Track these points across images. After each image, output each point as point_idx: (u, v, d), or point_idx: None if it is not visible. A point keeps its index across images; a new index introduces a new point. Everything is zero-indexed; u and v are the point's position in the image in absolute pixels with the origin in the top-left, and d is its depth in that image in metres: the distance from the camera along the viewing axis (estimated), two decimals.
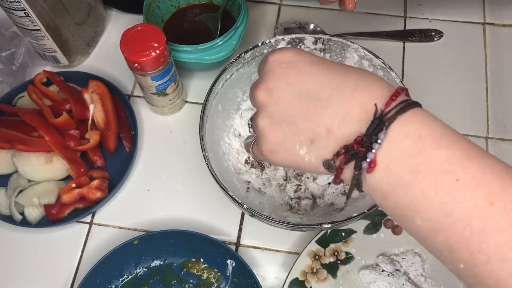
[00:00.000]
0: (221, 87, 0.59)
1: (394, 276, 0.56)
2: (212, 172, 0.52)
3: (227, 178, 0.57)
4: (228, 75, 0.59)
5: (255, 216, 0.51)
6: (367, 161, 0.32)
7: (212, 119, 0.59)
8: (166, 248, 0.60)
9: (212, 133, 0.59)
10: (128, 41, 0.58)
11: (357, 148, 0.32)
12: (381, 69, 0.56)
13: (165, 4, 0.72)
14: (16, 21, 0.64)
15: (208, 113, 0.57)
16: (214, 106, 0.59)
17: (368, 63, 0.57)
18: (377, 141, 0.32)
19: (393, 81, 0.55)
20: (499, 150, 0.66)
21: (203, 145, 0.54)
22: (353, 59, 0.58)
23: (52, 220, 0.62)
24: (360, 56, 0.57)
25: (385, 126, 0.32)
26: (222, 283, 0.59)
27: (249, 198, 0.58)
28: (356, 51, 0.57)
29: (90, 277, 0.57)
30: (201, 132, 0.55)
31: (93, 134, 0.64)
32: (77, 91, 0.68)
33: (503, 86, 0.70)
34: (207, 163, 0.53)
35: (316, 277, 0.57)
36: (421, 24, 0.76)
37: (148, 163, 0.67)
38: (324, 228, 0.50)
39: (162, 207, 0.64)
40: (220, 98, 0.59)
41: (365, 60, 0.57)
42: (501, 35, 0.74)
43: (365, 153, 0.32)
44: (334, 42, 0.58)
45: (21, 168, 0.63)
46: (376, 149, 0.32)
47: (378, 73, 0.56)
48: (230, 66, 0.58)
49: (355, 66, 0.37)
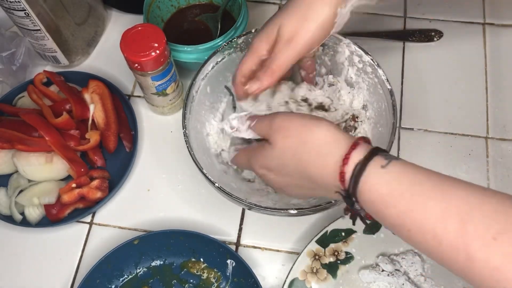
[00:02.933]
0: (211, 69, 0.60)
1: (394, 276, 0.56)
2: (189, 150, 0.54)
3: (207, 159, 0.58)
4: (219, 57, 0.60)
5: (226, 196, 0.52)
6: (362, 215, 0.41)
7: (200, 100, 0.60)
8: (166, 248, 0.60)
9: (198, 114, 0.60)
10: (128, 41, 0.58)
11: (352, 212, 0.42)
12: (370, 66, 0.56)
13: (165, 4, 0.72)
14: (16, 21, 0.64)
15: (195, 93, 0.58)
16: (203, 87, 0.60)
17: (358, 59, 0.58)
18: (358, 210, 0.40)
19: (380, 78, 0.56)
20: (499, 150, 0.66)
21: (184, 122, 0.56)
22: (344, 54, 0.58)
23: (52, 220, 0.62)
24: (351, 51, 0.58)
25: (354, 201, 0.39)
26: (222, 283, 0.60)
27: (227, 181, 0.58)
28: (347, 46, 0.58)
29: (90, 277, 0.57)
30: (184, 110, 0.56)
31: (93, 134, 0.64)
32: (77, 91, 0.68)
33: (503, 86, 0.70)
34: (186, 140, 0.55)
35: (316, 277, 0.57)
36: (421, 24, 0.76)
37: (148, 163, 0.67)
38: (291, 214, 0.51)
39: (162, 207, 0.64)
40: (210, 80, 0.60)
41: (355, 56, 0.58)
42: (501, 35, 0.74)
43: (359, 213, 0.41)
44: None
45: (21, 168, 0.63)
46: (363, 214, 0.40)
47: (366, 70, 0.57)
48: (222, 49, 0.59)
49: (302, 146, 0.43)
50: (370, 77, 0.57)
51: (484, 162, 0.65)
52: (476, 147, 0.66)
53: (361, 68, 0.58)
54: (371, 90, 0.58)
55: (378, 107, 0.58)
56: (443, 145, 0.67)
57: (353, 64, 0.59)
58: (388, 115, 0.55)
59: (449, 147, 0.67)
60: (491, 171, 0.65)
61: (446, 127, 0.68)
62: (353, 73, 0.59)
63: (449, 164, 0.65)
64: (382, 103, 0.57)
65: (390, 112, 0.54)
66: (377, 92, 0.57)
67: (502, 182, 0.64)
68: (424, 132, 0.68)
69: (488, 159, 0.66)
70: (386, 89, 0.55)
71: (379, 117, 0.58)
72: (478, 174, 0.65)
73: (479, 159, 0.66)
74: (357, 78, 0.59)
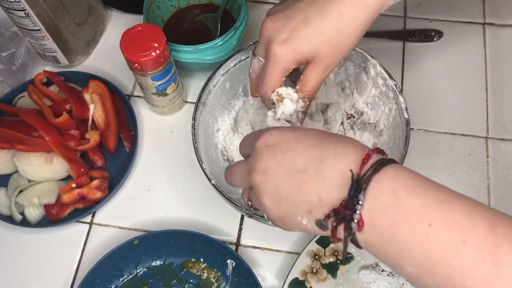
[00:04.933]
0: (233, 66, 0.60)
1: (394, 276, 0.56)
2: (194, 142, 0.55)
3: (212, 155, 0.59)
4: (243, 56, 0.60)
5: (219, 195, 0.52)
6: (355, 221, 0.35)
7: (216, 94, 0.60)
8: (166, 248, 0.60)
9: (212, 108, 0.61)
10: (128, 41, 0.58)
11: (343, 211, 0.35)
12: (392, 91, 0.56)
13: (165, 4, 0.72)
14: (16, 21, 0.64)
15: (212, 87, 0.59)
16: (222, 82, 0.60)
17: (382, 82, 0.57)
18: (358, 202, 0.35)
19: (399, 105, 0.55)
20: (499, 150, 0.66)
21: (195, 114, 0.56)
22: (370, 73, 0.58)
23: (52, 220, 0.62)
24: (376, 72, 0.57)
25: (363, 188, 0.35)
26: (222, 283, 0.60)
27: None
28: (373, 67, 0.57)
29: (90, 277, 0.57)
30: (197, 102, 0.57)
31: (93, 134, 0.64)
32: (77, 91, 0.68)
33: (503, 86, 0.70)
34: (193, 132, 0.55)
35: (316, 277, 0.57)
36: (421, 24, 0.76)
37: (148, 163, 0.67)
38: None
39: (162, 207, 0.64)
40: (230, 77, 0.61)
41: (380, 78, 0.57)
42: (501, 35, 0.74)
43: (351, 215, 0.35)
44: (356, 53, 0.58)
45: (21, 168, 0.63)
46: (359, 209, 0.35)
47: (388, 95, 0.57)
48: (247, 48, 0.59)
49: (334, 133, 0.41)
50: (391, 102, 0.57)
51: (484, 162, 0.65)
52: (476, 147, 0.66)
53: (383, 91, 0.57)
54: (389, 115, 0.58)
55: (393, 133, 0.57)
56: (443, 145, 0.67)
57: (377, 86, 0.58)
58: (400, 144, 0.54)
59: (449, 147, 0.67)
60: (491, 171, 0.65)
61: (446, 127, 0.68)
62: (375, 94, 0.59)
63: (449, 164, 0.65)
64: (397, 131, 0.56)
65: (401, 142, 0.53)
66: (395, 120, 0.57)
67: (502, 182, 0.64)
68: (424, 132, 0.68)
69: (488, 159, 0.66)
70: (404, 118, 0.54)
71: (392, 146, 0.57)
72: (478, 174, 0.65)
73: (479, 159, 0.66)
74: (378, 100, 0.59)
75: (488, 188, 0.64)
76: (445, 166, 0.65)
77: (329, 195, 0.36)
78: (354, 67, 0.60)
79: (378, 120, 0.60)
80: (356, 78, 0.61)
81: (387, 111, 0.58)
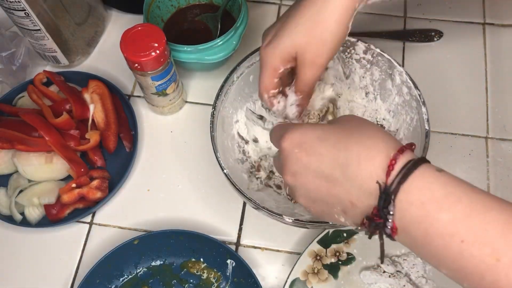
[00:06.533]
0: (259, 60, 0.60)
1: (396, 278, 0.56)
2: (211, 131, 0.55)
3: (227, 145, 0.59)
4: None
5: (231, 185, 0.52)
6: (388, 227, 0.36)
7: (239, 86, 0.60)
8: (166, 248, 0.60)
9: (234, 99, 0.61)
10: (128, 41, 0.58)
11: (376, 220, 0.36)
12: (416, 100, 0.55)
13: (165, 4, 0.72)
14: (16, 21, 0.64)
15: (236, 78, 0.59)
16: (246, 75, 0.60)
17: (407, 91, 0.56)
18: (389, 212, 0.35)
19: (421, 116, 0.54)
20: (499, 150, 0.66)
21: (216, 103, 0.57)
22: (395, 81, 0.58)
23: (52, 220, 0.62)
24: (402, 80, 0.57)
25: (392, 198, 0.35)
26: (222, 283, 0.59)
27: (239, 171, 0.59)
28: (399, 75, 0.57)
29: (90, 277, 0.57)
30: (219, 91, 0.57)
31: (93, 134, 0.64)
32: (77, 91, 0.68)
33: (503, 86, 0.71)
34: (211, 120, 0.56)
35: (317, 278, 0.57)
36: (421, 24, 0.76)
37: (148, 163, 0.67)
38: (286, 222, 0.50)
39: (162, 207, 0.64)
40: (255, 70, 0.60)
41: (405, 87, 0.57)
42: (501, 35, 0.74)
43: (384, 223, 0.36)
44: (382, 58, 0.58)
45: (21, 168, 0.63)
46: (391, 219, 0.36)
47: (412, 105, 0.56)
48: None
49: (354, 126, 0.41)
50: (414, 111, 0.56)
51: (484, 162, 0.65)
52: (476, 147, 0.66)
53: (407, 100, 0.57)
54: (410, 124, 0.57)
55: None
56: (443, 145, 0.67)
57: (401, 94, 0.58)
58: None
59: (449, 147, 0.67)
60: (491, 171, 0.65)
61: (446, 127, 0.68)
62: (399, 103, 0.59)
63: (449, 164, 0.65)
64: (416, 141, 0.55)
65: (419, 154, 0.52)
66: (416, 131, 0.56)
67: (502, 182, 0.64)
68: None
69: (488, 159, 0.66)
70: (424, 129, 0.53)
71: None
72: (478, 174, 0.65)
73: (479, 159, 0.66)
74: (401, 109, 0.59)
75: (488, 188, 0.64)
76: (445, 166, 0.64)
77: (360, 200, 0.37)
78: (380, 73, 0.60)
79: (399, 128, 0.59)
80: (381, 84, 0.60)
81: (408, 120, 0.57)
